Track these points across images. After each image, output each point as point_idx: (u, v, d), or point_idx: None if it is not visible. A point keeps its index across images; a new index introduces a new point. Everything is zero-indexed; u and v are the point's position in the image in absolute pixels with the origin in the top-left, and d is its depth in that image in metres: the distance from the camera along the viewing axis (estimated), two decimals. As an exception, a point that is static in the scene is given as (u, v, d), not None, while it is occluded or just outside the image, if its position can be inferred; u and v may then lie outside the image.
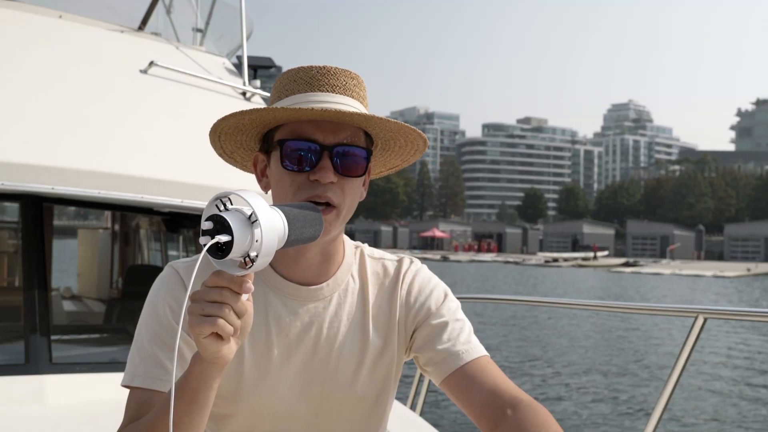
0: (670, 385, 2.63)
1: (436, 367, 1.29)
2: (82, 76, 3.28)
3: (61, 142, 2.88)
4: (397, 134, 1.29)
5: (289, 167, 1.21)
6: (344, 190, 1.22)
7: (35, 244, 2.78)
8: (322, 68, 1.25)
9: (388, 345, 1.33)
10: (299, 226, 1.00)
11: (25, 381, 2.60)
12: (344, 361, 1.30)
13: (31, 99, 3.00)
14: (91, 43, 3.60)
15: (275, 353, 1.27)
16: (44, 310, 2.72)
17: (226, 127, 1.27)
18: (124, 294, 4.64)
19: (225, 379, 1.24)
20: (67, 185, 2.74)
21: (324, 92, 1.22)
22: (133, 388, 1.20)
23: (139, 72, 3.44)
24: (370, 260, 1.37)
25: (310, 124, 1.21)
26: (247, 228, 0.91)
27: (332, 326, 1.29)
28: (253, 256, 0.92)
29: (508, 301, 4.34)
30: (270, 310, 1.27)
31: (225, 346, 0.98)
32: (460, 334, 1.30)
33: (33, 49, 3.28)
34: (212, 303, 0.95)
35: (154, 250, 5.52)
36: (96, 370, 2.77)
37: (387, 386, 1.35)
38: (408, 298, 1.34)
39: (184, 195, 3.03)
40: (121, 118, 3.21)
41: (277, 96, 1.27)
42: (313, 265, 1.28)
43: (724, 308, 3.84)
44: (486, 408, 1.20)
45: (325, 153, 1.20)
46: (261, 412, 1.28)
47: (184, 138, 3.31)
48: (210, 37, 4.53)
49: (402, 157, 1.37)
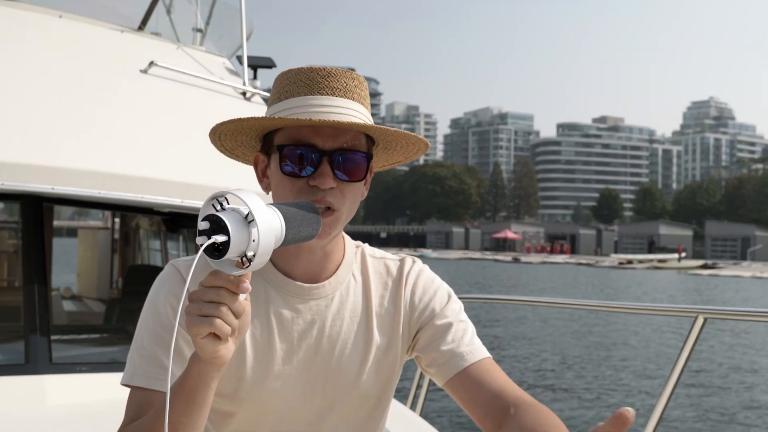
0: (670, 385, 2.63)
1: (440, 368, 1.29)
2: (82, 76, 3.28)
3: (61, 142, 2.88)
4: (398, 137, 1.29)
5: (288, 172, 1.20)
6: (344, 195, 1.22)
7: (35, 244, 2.78)
8: (322, 70, 1.24)
9: (392, 344, 1.33)
10: (297, 225, 1.00)
11: (25, 381, 2.60)
12: (347, 359, 1.29)
13: (31, 99, 3.00)
14: (91, 43, 3.60)
15: (277, 351, 1.26)
16: (44, 310, 2.72)
17: (225, 130, 1.27)
18: (124, 294, 4.64)
19: (226, 378, 1.24)
20: (67, 185, 2.74)
21: (324, 95, 1.21)
22: (133, 387, 1.20)
23: (139, 72, 3.44)
24: (372, 259, 1.37)
25: (309, 128, 1.20)
26: (243, 228, 0.91)
27: (335, 324, 1.29)
28: (251, 256, 0.92)
29: (509, 301, 4.34)
30: (271, 307, 1.27)
31: (223, 346, 0.98)
32: (464, 335, 1.30)
33: (33, 49, 3.28)
34: (209, 303, 0.95)
35: (154, 250, 5.52)
36: (96, 370, 2.77)
37: (390, 385, 1.35)
38: (413, 298, 1.34)
39: (184, 195, 3.03)
40: (121, 118, 3.21)
41: (276, 97, 1.26)
42: (315, 262, 1.28)
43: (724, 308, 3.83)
44: (490, 409, 1.20)
45: (324, 158, 1.19)
46: (263, 411, 1.27)
47: (184, 138, 3.31)
48: (210, 37, 4.53)
49: (404, 155, 1.37)
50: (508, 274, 9.11)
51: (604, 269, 57.34)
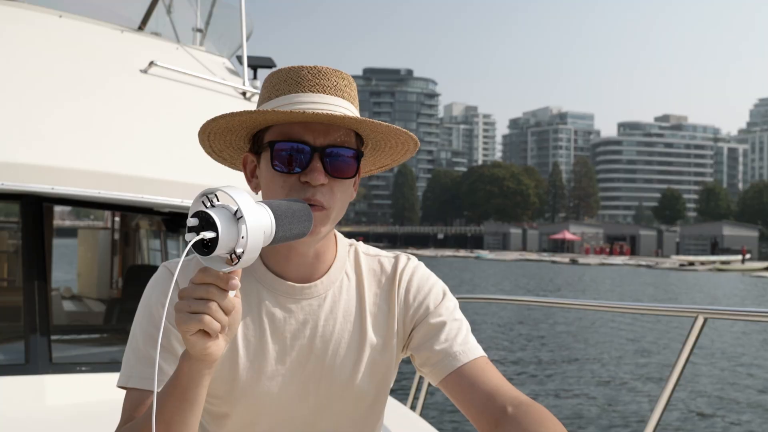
0: (670, 385, 2.63)
1: (434, 367, 1.28)
2: (82, 75, 3.28)
3: (61, 142, 2.88)
4: (387, 135, 1.28)
5: (279, 169, 1.20)
6: (335, 192, 1.21)
7: (35, 244, 2.78)
8: (312, 68, 1.24)
9: (387, 343, 1.32)
10: (287, 223, 1.00)
11: (25, 381, 2.61)
12: (341, 359, 1.29)
13: (31, 99, 3.00)
14: (91, 42, 3.60)
15: (270, 352, 1.26)
16: (44, 310, 2.73)
17: (216, 128, 1.27)
18: (124, 294, 4.64)
19: (219, 379, 1.24)
20: (67, 185, 2.74)
21: (314, 93, 1.22)
22: (129, 389, 1.20)
23: (139, 72, 3.44)
24: (366, 257, 1.36)
25: (300, 125, 1.20)
26: (232, 224, 0.91)
27: (327, 324, 1.29)
28: (239, 253, 0.92)
29: (509, 301, 4.33)
30: (264, 308, 1.27)
31: (213, 343, 0.98)
32: (458, 334, 1.29)
33: (33, 49, 3.28)
34: (199, 300, 0.95)
35: (154, 250, 5.52)
36: (96, 370, 2.78)
37: (385, 384, 1.35)
38: (407, 295, 1.33)
39: (184, 195, 3.03)
40: (121, 118, 3.21)
41: (267, 96, 1.26)
42: (306, 262, 1.27)
43: (724, 308, 3.83)
44: (485, 408, 1.19)
45: (315, 155, 1.19)
46: (258, 412, 1.27)
47: (184, 138, 3.31)
48: (210, 37, 4.53)
49: (392, 157, 1.37)
50: (564, 278, 8.81)
51: (663, 271, 55.57)
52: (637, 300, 28.95)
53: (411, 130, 1.27)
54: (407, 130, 1.25)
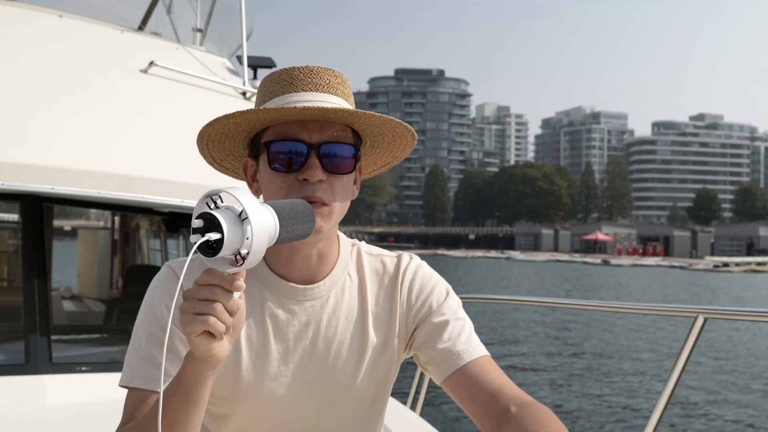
0: (670, 385, 2.63)
1: (437, 366, 1.28)
2: (82, 75, 3.28)
3: (61, 142, 2.88)
4: (384, 129, 1.28)
5: (277, 168, 1.20)
6: (334, 189, 1.21)
7: (35, 244, 2.78)
8: (305, 68, 1.24)
9: (388, 343, 1.32)
10: (290, 223, 1.00)
11: (25, 381, 2.61)
12: (343, 360, 1.29)
13: (31, 99, 3.00)
14: (91, 43, 3.60)
15: (273, 353, 1.26)
16: (44, 310, 2.73)
17: (213, 134, 1.27)
18: (124, 294, 4.64)
19: (222, 380, 1.24)
20: (67, 185, 2.74)
21: (308, 92, 1.22)
22: (131, 388, 1.20)
23: (139, 72, 3.44)
24: (368, 257, 1.36)
25: (295, 124, 1.20)
26: (237, 225, 0.91)
27: (330, 325, 1.29)
28: (244, 254, 0.92)
29: (509, 301, 4.33)
30: (266, 309, 1.27)
31: (217, 344, 0.98)
32: (461, 333, 1.29)
33: (33, 49, 3.28)
34: (203, 301, 0.95)
35: (154, 250, 5.53)
36: (96, 370, 2.78)
37: (386, 384, 1.35)
38: (409, 295, 1.33)
39: (184, 195, 3.03)
40: (121, 117, 3.21)
41: (261, 99, 1.27)
42: (309, 263, 1.27)
43: (725, 308, 3.83)
44: (488, 408, 1.19)
45: (312, 152, 1.19)
46: (260, 412, 1.27)
47: (184, 138, 3.31)
48: (210, 37, 4.53)
49: (392, 154, 1.37)
50: (599, 279, 8.65)
51: (697, 272, 54.85)
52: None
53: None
54: (402, 122, 1.24)
